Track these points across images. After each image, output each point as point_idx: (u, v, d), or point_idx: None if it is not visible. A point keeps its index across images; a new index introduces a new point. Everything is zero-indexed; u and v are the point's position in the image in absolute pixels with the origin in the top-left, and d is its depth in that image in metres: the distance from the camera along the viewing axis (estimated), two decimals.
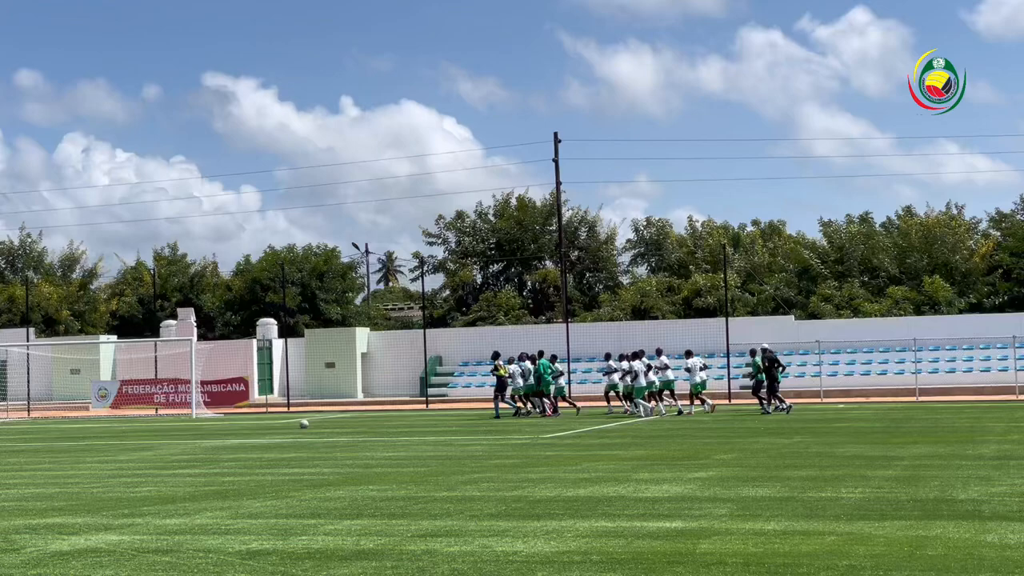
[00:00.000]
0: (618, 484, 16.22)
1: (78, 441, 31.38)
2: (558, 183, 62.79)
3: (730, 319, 50.82)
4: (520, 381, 38.23)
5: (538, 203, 69.83)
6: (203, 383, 49.15)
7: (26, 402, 52.03)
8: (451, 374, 56.11)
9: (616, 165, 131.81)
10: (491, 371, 39.58)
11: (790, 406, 36.16)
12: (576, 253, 69.13)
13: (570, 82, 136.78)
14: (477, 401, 50.08)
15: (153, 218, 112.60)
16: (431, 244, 71.35)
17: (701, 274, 62.84)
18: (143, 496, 16.48)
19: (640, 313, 60.55)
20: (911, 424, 29.35)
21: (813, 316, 57.71)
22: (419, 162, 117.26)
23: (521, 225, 69.01)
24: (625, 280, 69.87)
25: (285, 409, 48.90)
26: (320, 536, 12.14)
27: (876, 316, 56.13)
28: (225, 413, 46.96)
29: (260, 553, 11.24)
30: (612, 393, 39.46)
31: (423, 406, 47.62)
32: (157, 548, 11.68)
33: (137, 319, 68.10)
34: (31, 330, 58.64)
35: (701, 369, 38.24)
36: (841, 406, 40.33)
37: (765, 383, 36.59)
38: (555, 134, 61.08)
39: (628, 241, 70.23)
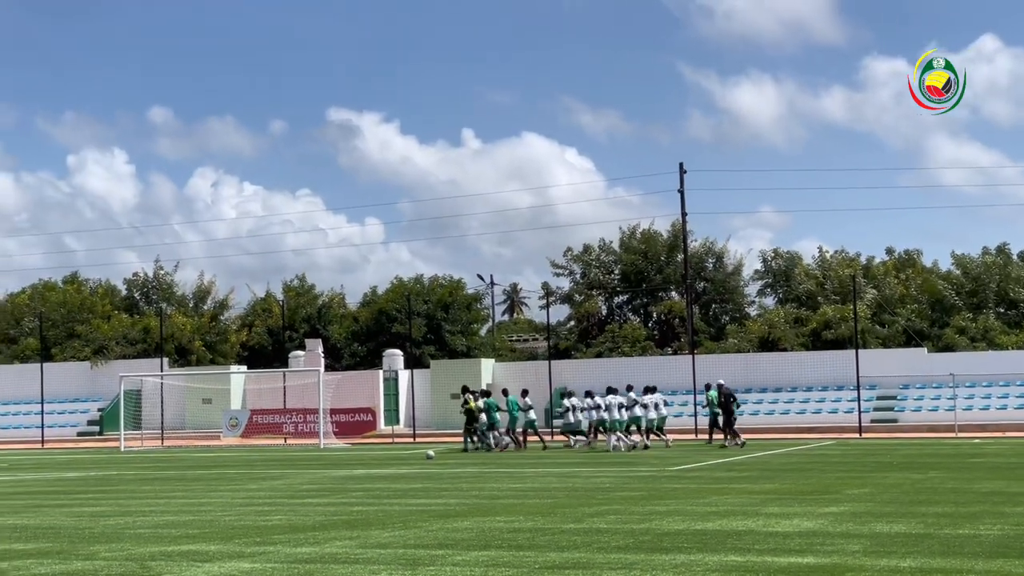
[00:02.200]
0: (747, 518, 16.00)
1: (210, 470, 31.92)
2: (684, 214, 62.41)
3: (860, 351, 49.87)
4: (484, 416, 39.06)
5: (663, 234, 69.55)
6: (331, 413, 49.64)
7: (160, 431, 53.05)
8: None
9: (740, 195, 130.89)
10: (461, 405, 40.71)
11: (744, 442, 37.03)
12: (702, 284, 68.61)
13: (691, 113, 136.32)
14: (603, 433, 49.74)
15: (280, 250, 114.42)
16: (558, 276, 71.46)
17: (830, 305, 61.87)
18: (274, 525, 16.68)
19: (768, 345, 59.82)
20: None
21: (947, 348, 56.44)
22: (541, 194, 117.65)
23: (646, 256, 68.75)
24: (752, 311, 69.13)
25: (411, 439, 49.17)
26: (448, 567, 12.15)
27: (1013, 349, 54.72)
28: (352, 443, 47.36)
29: None
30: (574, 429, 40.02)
31: (549, 437, 47.46)
32: None
33: (266, 350, 69.13)
34: (165, 360, 59.85)
35: (659, 406, 38.65)
36: (977, 441, 39.37)
37: (721, 417, 38.04)
38: (680, 165, 60.79)
39: (756, 272, 69.56)
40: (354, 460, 35.25)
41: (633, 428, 37.78)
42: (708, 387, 40.22)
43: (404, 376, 57.06)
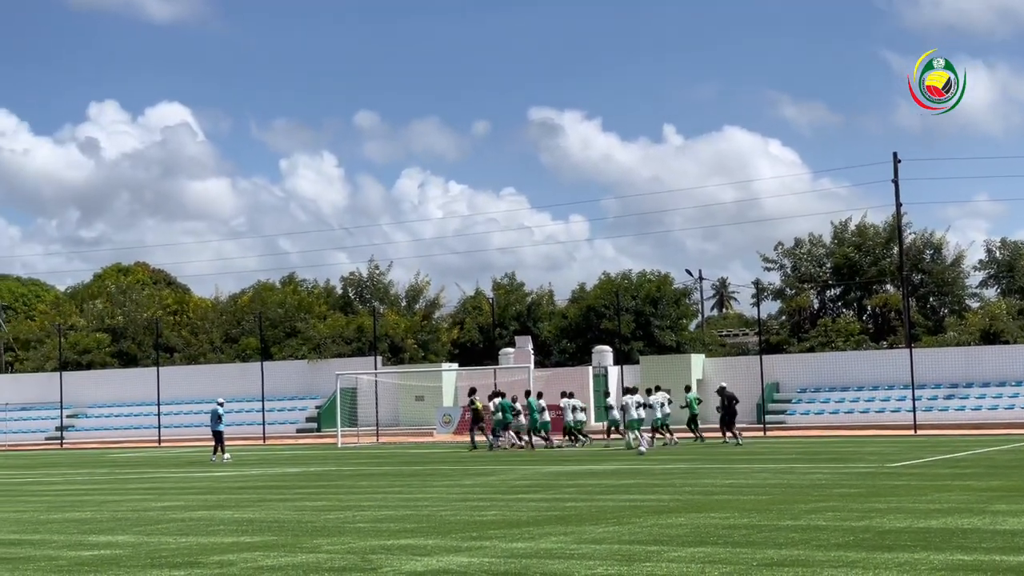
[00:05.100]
0: (973, 515, 15.47)
1: (424, 465, 32.45)
2: (898, 205, 60.73)
3: None
4: (500, 416, 40.98)
5: (879, 227, 67.83)
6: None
7: (375, 427, 54.19)
8: (789, 401, 55.09)
9: (952, 185, 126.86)
10: (467, 405, 42.70)
11: (740, 441, 38.12)
12: (919, 276, 66.68)
13: (899, 102, 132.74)
14: (817, 429, 48.94)
15: (486, 249, 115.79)
16: (768, 270, 70.39)
17: None
18: (489, 520, 16.84)
19: (990, 338, 57.81)
20: None
21: None
22: (745, 188, 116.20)
23: (860, 249, 67.18)
24: (973, 304, 66.89)
25: (622, 436, 49.01)
26: (664, 563, 12.07)
27: None
28: (562, 439, 47.45)
29: None
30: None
31: (760, 433, 46.89)
32: (506, 571, 11.89)
33: (477, 347, 69.95)
34: (379, 358, 61.08)
35: (664, 404, 40.02)
36: None
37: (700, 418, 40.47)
38: (894, 154, 59.13)
39: (979, 262, 67.25)
40: (566, 456, 35.39)
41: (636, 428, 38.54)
42: (688, 388, 42.64)
43: (613, 372, 57.01)
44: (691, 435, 41.22)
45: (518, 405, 41.12)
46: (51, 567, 13.32)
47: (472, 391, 43.76)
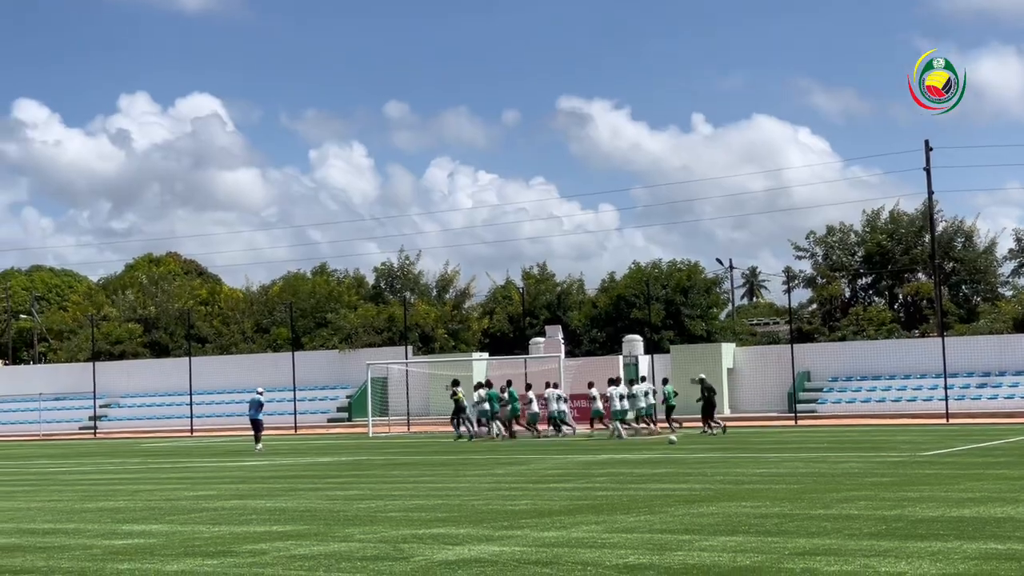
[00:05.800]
0: (1006, 504, 15.40)
1: (456, 455, 32.51)
2: (930, 193, 60.26)
3: None
4: (486, 406, 41.93)
5: (911, 215, 67.42)
6: (572, 398, 49.84)
7: (406, 417, 54.26)
8: (820, 390, 54.86)
9: (983, 172, 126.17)
10: (450, 396, 43.75)
11: (724, 428, 39.26)
12: (951, 264, 66.26)
13: None
14: (848, 418, 48.76)
15: (515, 238, 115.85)
16: (800, 258, 70.06)
17: None
18: (521, 509, 16.87)
19: (1023, 326, 57.41)
20: None
21: None
22: (774, 176, 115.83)
23: (892, 237, 66.82)
24: (1006, 292, 66.45)
25: (605, 427, 48.90)
26: (696, 552, 12.07)
27: None
28: (594, 428, 47.44)
29: (637, 567, 11.29)
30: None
31: (792, 422, 46.79)
32: (537, 560, 11.92)
33: (507, 336, 69.92)
34: (409, 348, 61.12)
35: (649, 394, 40.90)
36: None
37: (700, 408, 39.97)
38: (926, 142, 58.64)
39: (1010, 251, 66.77)
40: (596, 446, 35.39)
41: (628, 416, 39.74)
42: (666, 381, 43.04)
43: (644, 361, 56.90)
44: (666, 426, 41.14)
45: (505, 395, 41.53)
46: (85, 556, 13.43)
47: (455, 383, 44.30)
